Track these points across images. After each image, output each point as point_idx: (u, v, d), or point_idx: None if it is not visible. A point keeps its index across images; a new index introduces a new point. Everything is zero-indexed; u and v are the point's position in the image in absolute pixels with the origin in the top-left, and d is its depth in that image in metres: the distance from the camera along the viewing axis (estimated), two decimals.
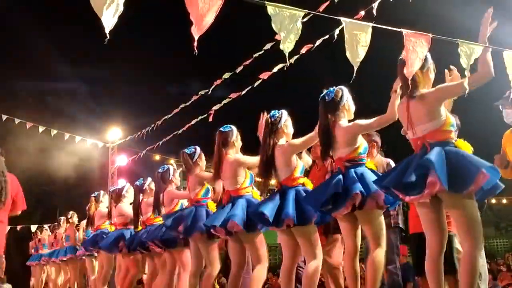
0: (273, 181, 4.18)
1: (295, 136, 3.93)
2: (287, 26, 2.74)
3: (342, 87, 3.61)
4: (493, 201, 18.03)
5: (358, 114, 3.68)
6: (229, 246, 4.38)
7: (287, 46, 2.77)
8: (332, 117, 3.50)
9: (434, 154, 2.77)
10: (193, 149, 4.88)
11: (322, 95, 3.63)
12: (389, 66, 3.37)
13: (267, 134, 3.83)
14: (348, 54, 2.91)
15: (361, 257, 3.70)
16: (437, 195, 2.85)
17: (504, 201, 18.99)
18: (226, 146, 4.28)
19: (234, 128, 4.36)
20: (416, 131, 2.99)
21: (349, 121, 3.58)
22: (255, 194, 4.27)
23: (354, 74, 2.92)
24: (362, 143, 3.49)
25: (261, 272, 4.01)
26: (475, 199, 2.85)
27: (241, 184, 4.20)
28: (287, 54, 2.78)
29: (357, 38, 2.90)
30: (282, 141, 3.84)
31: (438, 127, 2.93)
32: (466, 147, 2.96)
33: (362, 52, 2.93)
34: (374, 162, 3.88)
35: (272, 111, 3.92)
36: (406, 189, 2.85)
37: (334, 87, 3.61)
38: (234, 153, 4.29)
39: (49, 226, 10.56)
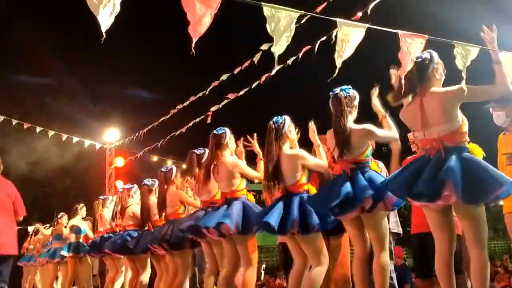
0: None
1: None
2: (280, 29, 2.75)
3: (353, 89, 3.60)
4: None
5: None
6: (224, 247, 4.37)
7: (278, 49, 2.79)
8: (346, 115, 3.44)
9: (451, 164, 2.69)
10: (202, 150, 4.85)
11: (336, 91, 3.55)
12: (386, 67, 3.38)
13: (271, 141, 3.78)
14: (336, 54, 2.92)
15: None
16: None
17: (502, 203, 18.98)
18: (220, 148, 4.30)
19: (227, 130, 4.37)
20: (430, 132, 2.90)
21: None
22: (250, 197, 4.27)
23: (336, 73, 2.91)
24: (369, 145, 3.48)
25: (251, 276, 4.02)
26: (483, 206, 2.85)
27: (237, 186, 4.21)
28: (276, 57, 2.79)
29: (348, 38, 2.91)
30: (286, 147, 3.82)
31: (456, 129, 2.87)
32: (478, 152, 2.94)
33: (348, 52, 2.93)
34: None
35: (275, 117, 3.88)
36: (417, 197, 2.79)
37: (349, 86, 3.57)
38: (228, 155, 4.30)
39: (45, 228, 10.53)
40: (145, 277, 5.78)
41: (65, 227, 8.39)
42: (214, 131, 4.37)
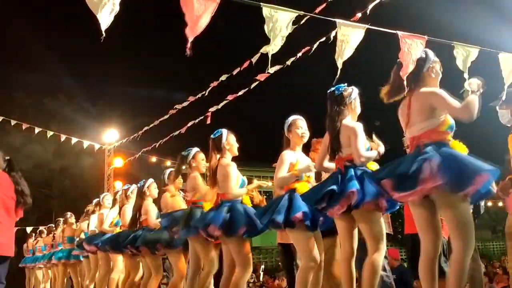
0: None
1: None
2: (277, 29, 2.76)
3: (353, 86, 3.60)
4: (490, 204, 18.09)
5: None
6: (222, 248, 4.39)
7: (272, 49, 2.80)
8: (337, 113, 3.47)
9: (429, 152, 2.74)
10: (189, 151, 4.87)
11: (331, 89, 3.57)
12: (385, 67, 3.38)
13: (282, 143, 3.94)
14: (336, 55, 2.93)
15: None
16: (430, 196, 2.83)
17: (501, 204, 18.98)
18: (220, 152, 4.30)
19: (224, 131, 4.36)
20: (412, 131, 2.97)
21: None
22: (246, 199, 4.24)
23: (338, 74, 2.92)
24: (365, 143, 3.45)
25: (240, 276, 4.01)
26: (468, 202, 2.81)
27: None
28: (270, 56, 2.80)
29: (347, 39, 2.92)
30: (286, 149, 3.87)
31: (434, 127, 2.88)
32: (461, 149, 2.92)
33: (347, 53, 2.94)
34: None
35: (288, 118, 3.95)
36: (398, 184, 2.79)
37: (345, 84, 3.58)
38: (229, 157, 4.29)
39: (45, 228, 10.51)
40: (136, 277, 5.90)
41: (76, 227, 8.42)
42: (212, 135, 4.37)
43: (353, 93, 3.55)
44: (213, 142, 4.32)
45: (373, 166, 3.55)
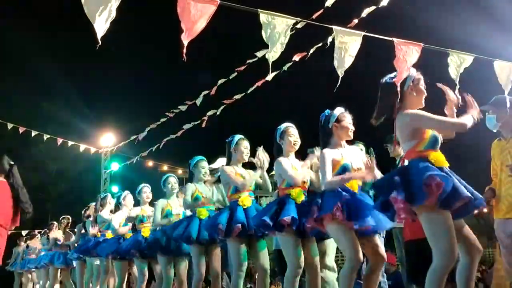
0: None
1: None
2: (275, 35, 2.78)
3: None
4: (485, 210, 18.08)
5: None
6: None
7: (272, 56, 2.82)
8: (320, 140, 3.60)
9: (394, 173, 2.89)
10: (193, 159, 4.94)
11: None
12: (380, 75, 3.39)
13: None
14: (335, 63, 2.94)
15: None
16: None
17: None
18: (229, 157, 4.36)
19: (235, 137, 4.37)
20: (400, 151, 3.05)
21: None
22: (245, 199, 4.20)
23: (339, 82, 2.93)
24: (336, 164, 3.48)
25: (234, 282, 4.10)
26: (438, 213, 2.75)
27: (227, 192, 4.30)
28: (270, 63, 2.81)
29: (346, 47, 2.93)
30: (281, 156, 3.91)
31: (412, 148, 2.92)
32: (439, 160, 2.85)
33: (348, 61, 2.95)
34: None
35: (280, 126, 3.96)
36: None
37: (327, 111, 3.58)
38: (235, 162, 4.33)
39: (39, 232, 10.49)
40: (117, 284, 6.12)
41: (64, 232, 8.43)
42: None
43: (331, 117, 3.51)
44: (226, 147, 4.37)
45: None
